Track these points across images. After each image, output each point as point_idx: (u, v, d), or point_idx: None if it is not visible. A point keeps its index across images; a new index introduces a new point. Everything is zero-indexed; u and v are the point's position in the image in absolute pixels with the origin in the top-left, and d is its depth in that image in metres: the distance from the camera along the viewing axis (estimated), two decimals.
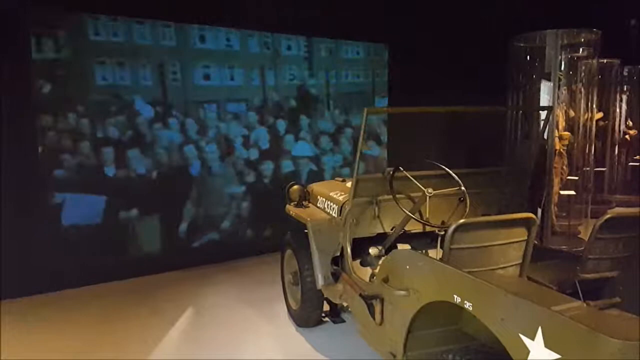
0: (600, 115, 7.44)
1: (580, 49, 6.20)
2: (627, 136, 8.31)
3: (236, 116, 6.39)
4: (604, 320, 1.98)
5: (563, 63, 6.04)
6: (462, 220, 2.53)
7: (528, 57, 6.25)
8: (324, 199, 4.14)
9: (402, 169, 3.44)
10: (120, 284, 5.39)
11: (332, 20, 6.50)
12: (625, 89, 8.31)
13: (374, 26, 6.90)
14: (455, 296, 2.27)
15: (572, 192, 6.18)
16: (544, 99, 6.09)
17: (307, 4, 6.30)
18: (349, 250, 3.54)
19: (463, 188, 3.46)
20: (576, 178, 6.26)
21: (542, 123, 5.45)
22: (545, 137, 5.74)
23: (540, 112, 5.93)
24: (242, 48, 6.30)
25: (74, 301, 4.94)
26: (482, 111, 4.02)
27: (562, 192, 6.09)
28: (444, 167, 3.55)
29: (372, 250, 3.41)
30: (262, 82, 6.50)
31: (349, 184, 3.75)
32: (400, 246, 3.51)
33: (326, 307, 4.18)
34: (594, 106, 6.44)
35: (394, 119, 7.41)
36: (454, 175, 3.50)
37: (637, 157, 8.16)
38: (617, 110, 8.29)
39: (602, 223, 2.70)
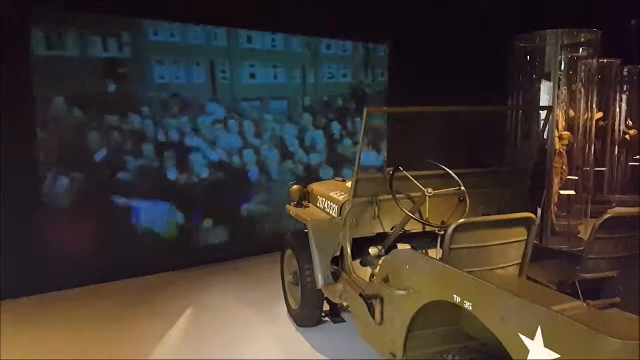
0: (600, 115, 7.43)
1: (581, 49, 6.20)
2: (627, 136, 8.30)
3: (290, 118, 6.60)
4: (604, 320, 1.99)
5: (563, 63, 6.04)
6: (462, 220, 2.53)
7: (528, 57, 6.25)
8: (324, 199, 4.14)
9: (402, 169, 3.45)
10: (120, 284, 5.39)
11: (333, 20, 6.49)
12: (625, 89, 8.30)
13: (374, 26, 6.90)
14: (455, 296, 2.27)
15: (572, 192, 6.17)
16: (544, 99, 6.09)
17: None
18: (349, 250, 3.54)
19: (463, 188, 3.46)
20: (576, 178, 6.26)
21: (542, 123, 5.45)
22: (545, 137, 5.74)
23: (541, 112, 5.93)
24: (286, 48, 6.54)
25: (74, 301, 4.93)
26: (482, 111, 4.02)
27: (562, 192, 6.09)
28: (444, 167, 3.55)
29: (372, 250, 3.41)
30: (303, 80, 6.74)
31: (348, 184, 3.76)
32: (400, 246, 3.50)
33: (326, 307, 4.17)
34: (594, 106, 6.44)
35: (393, 119, 7.41)
36: (454, 175, 3.50)
37: (637, 157, 8.15)
38: (617, 110, 8.28)
39: (602, 223, 2.70)
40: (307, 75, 6.70)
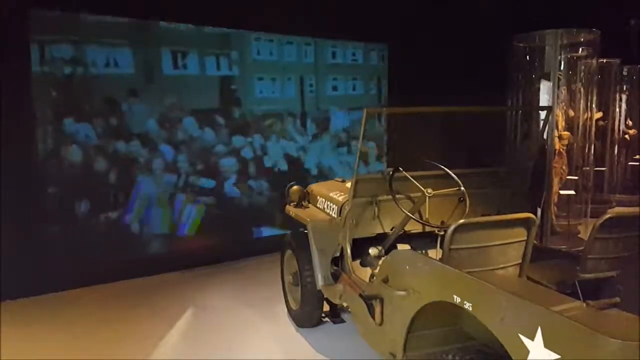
0: (599, 115, 7.44)
1: (580, 49, 6.21)
2: (626, 136, 8.31)
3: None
4: (604, 320, 1.98)
5: (563, 63, 6.04)
6: (461, 221, 2.53)
7: (528, 57, 6.25)
8: (323, 200, 4.14)
9: (401, 169, 3.44)
10: (120, 284, 5.39)
11: (333, 20, 6.49)
12: (624, 88, 8.31)
13: (373, 26, 6.89)
14: (455, 296, 2.27)
15: (572, 192, 6.18)
16: (544, 99, 6.10)
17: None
18: (348, 250, 3.54)
19: (463, 188, 3.46)
20: (576, 178, 6.27)
21: (541, 123, 5.45)
22: (545, 137, 5.74)
23: (540, 112, 5.93)
24: (364, 61, 7.21)
25: (74, 301, 4.93)
26: (482, 111, 4.02)
27: (561, 192, 6.09)
28: (443, 167, 3.55)
29: (372, 251, 3.40)
30: (378, 90, 7.32)
31: (348, 185, 3.76)
32: (400, 246, 3.50)
33: (326, 308, 4.18)
34: (594, 106, 6.45)
35: (393, 119, 7.40)
36: (453, 175, 3.50)
37: (637, 156, 8.16)
38: (617, 109, 8.30)
39: (601, 223, 2.70)
40: (382, 85, 7.22)
